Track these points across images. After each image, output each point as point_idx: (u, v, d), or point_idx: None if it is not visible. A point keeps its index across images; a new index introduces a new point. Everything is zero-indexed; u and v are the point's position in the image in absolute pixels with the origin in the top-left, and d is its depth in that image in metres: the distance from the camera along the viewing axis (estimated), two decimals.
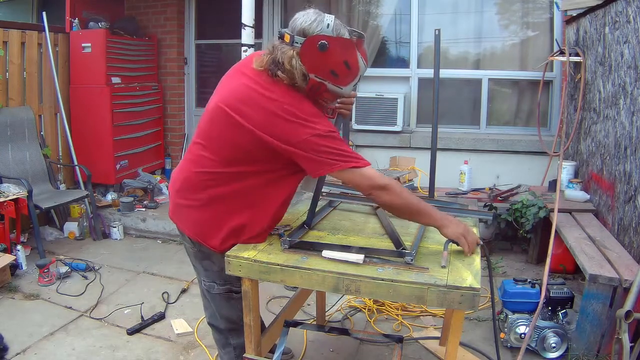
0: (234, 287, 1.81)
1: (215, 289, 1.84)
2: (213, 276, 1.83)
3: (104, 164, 4.79)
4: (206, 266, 1.83)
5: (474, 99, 4.92)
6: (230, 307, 1.86)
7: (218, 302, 1.88)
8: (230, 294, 1.83)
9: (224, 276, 1.76)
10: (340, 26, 1.55)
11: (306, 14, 1.55)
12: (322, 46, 1.47)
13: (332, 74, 1.52)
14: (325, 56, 1.49)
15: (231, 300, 1.85)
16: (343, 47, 1.51)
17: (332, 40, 1.49)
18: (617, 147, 3.05)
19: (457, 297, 1.42)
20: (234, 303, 1.83)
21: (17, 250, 3.58)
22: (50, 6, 5.35)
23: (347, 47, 1.52)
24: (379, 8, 5.17)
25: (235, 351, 1.97)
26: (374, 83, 5.13)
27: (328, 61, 1.50)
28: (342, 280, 1.52)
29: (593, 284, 2.39)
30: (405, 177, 3.81)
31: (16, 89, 4.29)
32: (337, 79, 1.54)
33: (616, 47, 3.10)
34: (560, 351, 2.51)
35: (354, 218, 2.11)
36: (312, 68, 1.51)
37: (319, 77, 1.53)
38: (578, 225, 3.18)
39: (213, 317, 1.95)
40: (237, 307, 1.81)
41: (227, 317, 1.90)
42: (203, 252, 1.79)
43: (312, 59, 1.50)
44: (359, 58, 1.54)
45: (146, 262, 3.83)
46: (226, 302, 1.86)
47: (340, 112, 1.78)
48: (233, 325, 1.91)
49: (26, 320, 2.88)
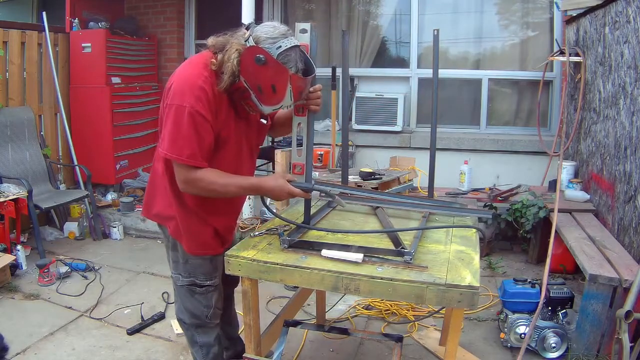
0: (197, 280, 1.87)
1: (180, 280, 1.90)
2: (179, 268, 1.89)
3: (104, 164, 4.79)
4: (173, 257, 1.90)
5: (474, 99, 4.93)
6: (194, 301, 1.91)
7: (183, 295, 1.93)
8: (193, 288, 1.89)
9: (188, 269, 1.86)
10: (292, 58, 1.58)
11: (275, 28, 1.60)
12: (258, 59, 1.54)
13: (258, 88, 1.60)
14: (258, 69, 1.56)
15: (195, 294, 1.90)
16: (277, 72, 1.56)
17: (270, 60, 1.54)
18: (617, 147, 3.05)
19: (456, 295, 1.42)
20: (198, 297, 1.90)
21: (17, 250, 3.58)
22: (50, 6, 5.36)
23: (280, 74, 1.57)
24: (379, 8, 5.17)
25: (202, 350, 1.99)
26: (374, 83, 5.14)
27: (259, 76, 1.57)
28: (342, 279, 1.52)
29: (593, 284, 2.39)
30: (405, 177, 3.81)
31: (16, 89, 4.29)
32: (261, 96, 1.61)
33: (616, 47, 3.10)
34: (560, 351, 2.51)
35: (353, 218, 2.11)
36: (245, 73, 1.59)
37: (247, 84, 1.60)
38: (578, 225, 3.18)
39: (180, 310, 1.98)
40: (201, 302, 1.91)
41: (191, 312, 1.93)
42: (169, 240, 1.88)
43: (247, 65, 1.57)
44: (287, 89, 1.59)
45: (146, 262, 3.83)
46: (190, 295, 1.91)
47: (309, 109, 1.79)
48: (197, 321, 1.94)
49: (26, 320, 2.88)
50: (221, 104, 1.65)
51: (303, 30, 1.70)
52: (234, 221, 2.00)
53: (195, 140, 1.59)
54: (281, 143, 4.62)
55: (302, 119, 1.80)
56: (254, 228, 3.83)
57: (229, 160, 1.76)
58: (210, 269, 1.88)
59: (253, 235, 1.82)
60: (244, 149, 1.84)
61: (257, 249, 1.69)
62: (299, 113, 1.79)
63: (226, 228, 1.92)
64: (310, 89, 1.74)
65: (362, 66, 5.18)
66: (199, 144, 1.60)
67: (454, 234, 1.89)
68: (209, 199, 1.76)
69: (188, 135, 1.58)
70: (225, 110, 1.67)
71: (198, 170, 1.63)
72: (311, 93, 1.75)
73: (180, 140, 1.58)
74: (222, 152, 1.72)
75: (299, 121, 1.81)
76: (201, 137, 1.60)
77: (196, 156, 1.60)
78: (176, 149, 1.59)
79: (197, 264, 1.86)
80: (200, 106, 1.57)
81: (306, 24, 1.70)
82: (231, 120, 1.71)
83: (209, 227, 1.83)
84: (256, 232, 1.84)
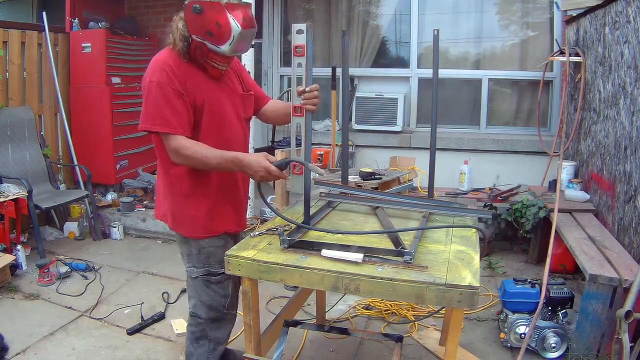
0: (212, 269, 1.92)
1: (195, 272, 1.93)
2: (193, 260, 1.93)
3: (104, 164, 4.79)
4: (186, 250, 1.94)
5: (474, 99, 4.93)
6: (211, 292, 1.94)
7: (199, 288, 1.94)
8: (209, 278, 1.92)
9: (202, 259, 1.91)
10: None
11: None
12: (194, 9, 1.68)
13: (209, 34, 1.70)
14: (200, 18, 1.68)
15: (211, 284, 1.93)
16: (212, 9, 1.68)
17: (203, 4, 1.67)
18: (617, 147, 3.05)
19: (456, 295, 1.42)
20: (214, 287, 1.94)
21: (17, 250, 3.58)
22: (50, 6, 5.35)
23: (217, 10, 1.68)
24: (379, 8, 5.17)
25: (209, 344, 2.00)
26: (374, 83, 5.14)
27: (203, 22, 1.69)
28: (342, 279, 1.52)
29: (593, 284, 2.39)
30: (405, 177, 3.80)
31: (16, 89, 4.29)
32: (214, 39, 1.71)
33: (616, 47, 3.10)
34: (560, 351, 2.51)
35: (353, 218, 2.11)
36: (193, 29, 1.71)
37: (199, 37, 1.71)
38: (578, 225, 3.18)
39: (196, 306, 1.98)
40: (217, 292, 1.95)
41: (209, 304, 1.95)
42: (181, 237, 1.93)
43: (191, 21, 1.71)
44: (229, 19, 1.69)
45: (146, 262, 3.83)
46: (206, 287, 1.93)
47: (306, 108, 1.79)
48: (215, 314, 1.97)
49: (26, 320, 2.88)
50: (188, 72, 1.75)
51: (299, 31, 1.70)
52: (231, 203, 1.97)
53: (166, 108, 1.69)
54: (281, 143, 4.62)
55: (300, 119, 1.79)
56: (254, 228, 3.83)
57: (218, 128, 1.83)
58: (224, 256, 1.86)
59: (253, 235, 1.82)
60: (231, 119, 1.88)
61: (257, 249, 1.69)
62: (297, 113, 1.79)
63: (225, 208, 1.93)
64: (307, 88, 1.74)
65: (362, 66, 5.18)
66: (171, 111, 1.70)
67: (454, 234, 1.89)
68: (198, 180, 1.83)
69: (159, 104, 1.69)
70: (193, 77, 1.77)
71: (179, 137, 1.71)
72: (308, 92, 1.75)
73: (152, 110, 1.70)
74: (206, 120, 1.80)
75: (298, 121, 1.80)
76: (172, 106, 1.70)
77: (170, 123, 1.70)
78: (149, 119, 1.71)
79: (210, 252, 1.90)
80: (165, 77, 1.69)
81: (302, 24, 1.70)
82: (203, 84, 1.79)
83: (203, 206, 1.87)
84: (256, 232, 1.84)
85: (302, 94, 1.76)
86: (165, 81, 1.69)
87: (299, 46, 1.68)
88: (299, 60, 1.73)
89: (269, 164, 1.68)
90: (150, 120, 1.71)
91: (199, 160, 1.72)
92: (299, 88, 1.76)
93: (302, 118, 1.79)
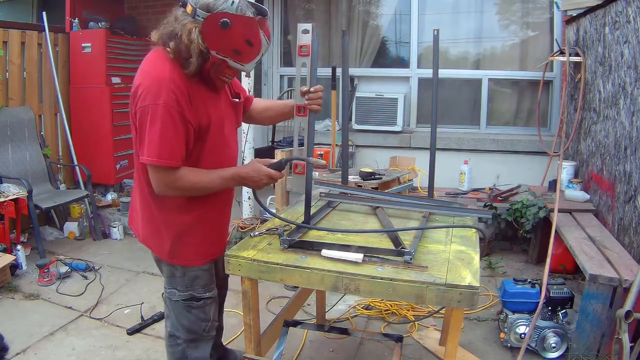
0: (195, 294, 1.77)
1: (176, 295, 1.77)
2: (175, 282, 1.77)
3: (104, 164, 4.79)
4: (168, 271, 1.78)
5: (474, 99, 4.93)
6: (191, 316, 1.79)
7: (178, 312, 1.79)
8: (191, 302, 1.77)
9: (186, 282, 1.75)
10: (245, 5, 1.53)
11: None
12: (224, 24, 1.46)
13: (235, 52, 1.52)
14: (227, 34, 1.48)
15: (192, 309, 1.78)
16: (245, 25, 1.50)
17: (234, 18, 1.47)
18: (617, 147, 3.05)
19: (456, 295, 1.42)
20: (195, 312, 1.79)
21: (17, 250, 3.58)
22: (50, 6, 5.35)
23: (250, 26, 1.51)
24: (379, 8, 5.17)
25: None
26: (374, 83, 5.14)
27: (231, 39, 1.49)
28: (342, 279, 1.52)
29: (593, 284, 2.39)
30: (405, 177, 3.80)
31: (16, 89, 4.29)
32: (240, 57, 1.53)
33: (616, 47, 3.10)
34: (560, 351, 2.51)
35: (353, 218, 2.10)
36: (214, 45, 1.50)
37: (220, 54, 1.52)
38: (578, 225, 3.18)
39: (174, 327, 1.83)
40: (198, 316, 1.80)
41: (187, 327, 1.81)
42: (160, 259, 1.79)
43: (214, 36, 1.48)
44: (261, 36, 1.54)
45: (146, 262, 3.82)
46: (187, 311, 1.78)
47: (310, 108, 1.77)
48: (193, 336, 1.83)
49: (26, 320, 2.88)
50: (193, 88, 1.57)
51: (305, 30, 1.70)
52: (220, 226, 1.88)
53: (174, 138, 1.51)
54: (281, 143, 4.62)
55: (304, 119, 1.79)
56: (253, 228, 3.83)
57: (221, 145, 1.70)
58: (209, 279, 1.80)
59: (253, 235, 1.82)
60: (230, 133, 1.77)
61: (257, 249, 1.69)
62: (300, 113, 1.78)
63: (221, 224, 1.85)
64: (312, 89, 1.73)
65: (362, 66, 5.19)
66: (178, 141, 1.52)
67: (454, 234, 1.89)
68: (194, 202, 1.68)
69: (166, 133, 1.49)
70: (199, 94, 1.59)
71: (178, 170, 1.55)
72: (312, 93, 1.74)
73: (157, 139, 1.49)
74: (211, 139, 1.65)
75: (300, 121, 1.80)
76: (179, 134, 1.52)
77: (176, 155, 1.52)
78: (154, 150, 1.49)
79: (196, 275, 1.76)
80: (173, 100, 1.48)
81: (308, 24, 1.70)
82: (208, 100, 1.63)
83: (199, 233, 1.74)
84: (256, 232, 1.83)
85: (307, 94, 1.74)
86: (173, 104, 1.48)
87: (304, 46, 1.67)
88: (303, 60, 1.72)
89: (268, 169, 1.64)
90: (155, 152, 1.49)
91: (201, 190, 1.61)
92: (303, 88, 1.74)
93: (305, 118, 1.79)
